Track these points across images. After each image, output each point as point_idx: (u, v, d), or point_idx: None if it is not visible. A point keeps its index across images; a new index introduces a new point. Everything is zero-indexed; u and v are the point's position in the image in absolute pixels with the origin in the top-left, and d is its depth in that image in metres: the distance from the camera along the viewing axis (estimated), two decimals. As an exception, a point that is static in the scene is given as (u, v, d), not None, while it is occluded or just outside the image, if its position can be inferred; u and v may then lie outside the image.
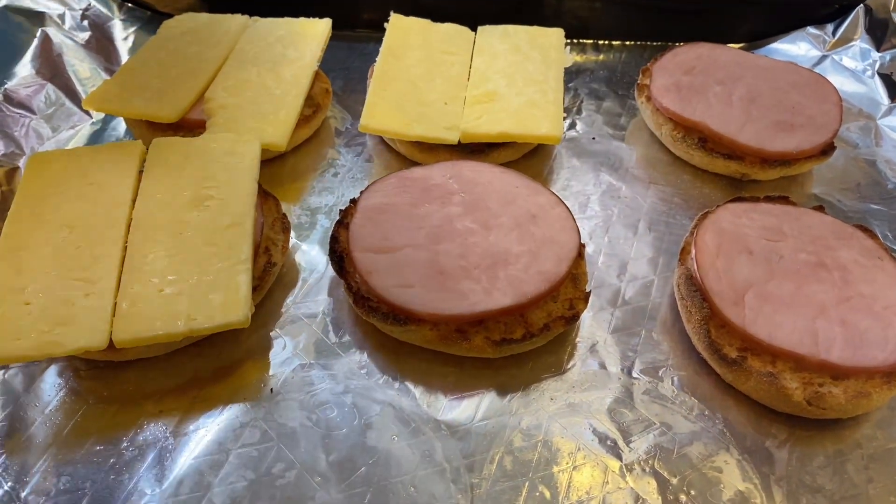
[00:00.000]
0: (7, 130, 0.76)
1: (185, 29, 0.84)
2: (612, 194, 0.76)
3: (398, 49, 0.82)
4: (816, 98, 0.79)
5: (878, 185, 0.78)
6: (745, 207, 0.66)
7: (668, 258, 0.69)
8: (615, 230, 0.71)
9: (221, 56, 0.80)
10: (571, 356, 0.60)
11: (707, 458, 0.54)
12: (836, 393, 0.54)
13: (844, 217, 0.73)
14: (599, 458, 0.54)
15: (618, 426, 0.56)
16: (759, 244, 0.63)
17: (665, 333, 0.62)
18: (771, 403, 0.56)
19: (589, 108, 0.87)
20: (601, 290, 0.66)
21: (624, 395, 0.58)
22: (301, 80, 0.77)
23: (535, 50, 0.83)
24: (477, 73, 0.80)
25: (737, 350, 0.57)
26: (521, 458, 0.53)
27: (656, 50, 0.95)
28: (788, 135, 0.74)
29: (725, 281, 0.59)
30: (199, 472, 0.52)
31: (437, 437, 0.54)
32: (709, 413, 0.57)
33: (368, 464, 0.53)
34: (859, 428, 0.57)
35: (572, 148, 0.81)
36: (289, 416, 0.55)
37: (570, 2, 0.95)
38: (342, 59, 0.92)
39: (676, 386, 0.59)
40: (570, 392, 0.58)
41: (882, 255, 0.63)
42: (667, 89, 0.79)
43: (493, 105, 0.76)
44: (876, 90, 0.87)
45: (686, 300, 0.60)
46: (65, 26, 0.89)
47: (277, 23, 0.85)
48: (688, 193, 0.76)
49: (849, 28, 0.91)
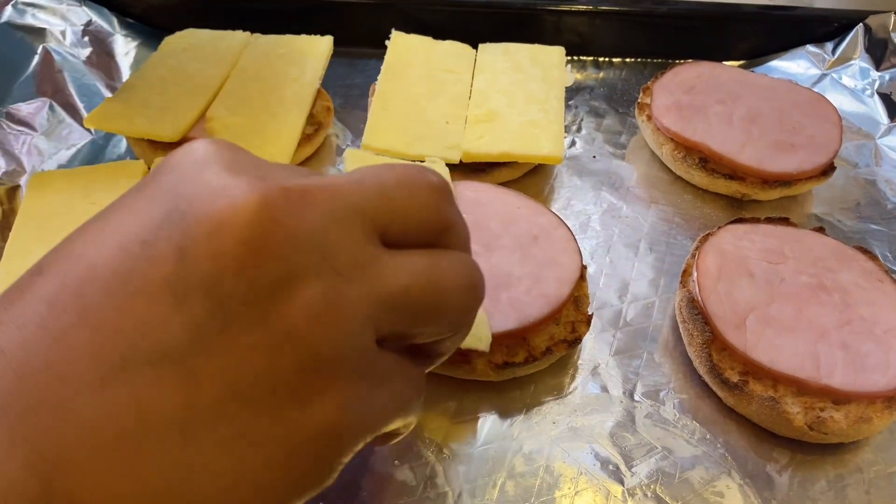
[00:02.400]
0: (8, 148, 0.76)
1: (187, 45, 0.84)
2: (612, 214, 0.76)
3: (399, 67, 0.82)
4: (817, 118, 0.79)
5: (878, 205, 0.78)
6: (746, 229, 0.66)
7: (669, 279, 0.69)
8: (616, 250, 0.72)
9: (223, 74, 0.80)
10: (573, 379, 0.60)
11: (709, 483, 0.54)
12: (837, 418, 0.54)
13: (844, 237, 0.73)
14: (602, 483, 0.54)
15: (620, 450, 0.56)
16: (761, 266, 0.63)
17: (667, 356, 0.63)
18: (773, 428, 0.56)
19: (589, 125, 0.87)
20: (602, 311, 0.66)
21: (626, 419, 0.58)
22: (303, 99, 0.77)
23: (536, 68, 0.83)
24: (478, 92, 0.80)
25: (738, 374, 0.57)
26: (523, 484, 0.53)
27: (656, 67, 0.95)
28: (789, 155, 0.75)
29: (727, 304, 0.59)
30: (201, 496, 0.52)
31: (440, 461, 0.54)
32: (710, 437, 0.57)
33: (371, 489, 0.53)
34: (860, 452, 0.57)
35: (573, 166, 0.81)
36: (291, 440, 0.55)
37: (570, 18, 0.96)
38: (343, 76, 0.92)
39: (678, 409, 0.59)
40: (573, 415, 0.58)
41: (882, 278, 0.63)
42: (667, 109, 0.79)
43: (495, 124, 0.76)
44: (875, 109, 0.87)
45: (688, 323, 0.60)
46: (66, 42, 0.89)
47: (279, 40, 0.86)
48: (689, 213, 0.76)
49: (848, 47, 0.92)
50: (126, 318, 0.27)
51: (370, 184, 0.33)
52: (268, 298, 0.28)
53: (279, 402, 0.28)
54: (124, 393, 0.26)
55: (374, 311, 0.31)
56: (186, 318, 0.27)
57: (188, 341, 0.27)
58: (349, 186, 0.32)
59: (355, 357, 0.30)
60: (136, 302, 0.27)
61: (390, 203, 0.33)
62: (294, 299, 0.28)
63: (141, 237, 0.28)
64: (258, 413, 0.28)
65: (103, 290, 0.27)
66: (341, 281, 0.29)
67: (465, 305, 0.37)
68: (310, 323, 0.28)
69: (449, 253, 0.36)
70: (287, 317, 0.28)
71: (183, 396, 0.26)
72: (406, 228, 0.34)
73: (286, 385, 0.28)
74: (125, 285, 0.27)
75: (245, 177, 0.29)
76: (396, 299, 0.32)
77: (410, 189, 0.34)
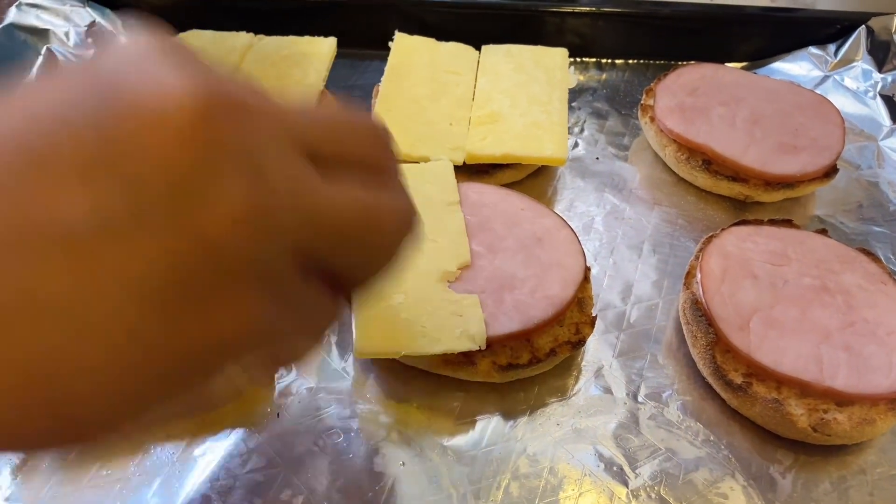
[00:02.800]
0: (12, 149, 0.76)
1: (190, 46, 0.84)
2: (616, 215, 0.76)
3: (403, 69, 0.82)
4: (819, 120, 0.79)
5: (881, 207, 0.78)
6: (749, 231, 0.67)
7: (672, 281, 0.69)
8: (620, 252, 0.72)
9: (227, 75, 0.80)
10: (577, 380, 0.60)
11: (712, 485, 0.54)
12: (840, 419, 0.54)
13: (847, 239, 0.74)
14: (606, 485, 0.54)
15: (623, 452, 0.56)
16: (764, 269, 0.63)
17: (670, 357, 0.63)
18: (776, 429, 0.57)
19: (592, 127, 0.88)
20: (606, 313, 0.66)
21: (629, 421, 0.58)
22: (307, 100, 0.77)
23: (539, 70, 0.83)
24: (481, 93, 0.80)
25: (742, 376, 0.57)
26: (527, 485, 0.53)
27: (659, 69, 0.95)
28: (792, 157, 0.75)
29: (731, 306, 0.60)
30: (207, 497, 0.52)
31: (444, 463, 0.54)
32: (714, 439, 0.57)
33: (375, 489, 0.53)
34: (863, 454, 0.57)
35: (576, 168, 0.81)
36: (296, 442, 0.55)
37: (573, 20, 0.96)
38: (346, 77, 0.92)
39: (682, 411, 0.59)
40: (576, 417, 0.58)
41: (885, 280, 0.63)
42: (671, 110, 0.80)
43: (498, 126, 0.76)
44: (878, 111, 0.87)
45: (691, 325, 0.60)
46: (69, 43, 0.89)
47: (282, 42, 0.86)
48: (692, 215, 0.76)
49: (850, 49, 0.92)
50: (31, 196, 0.25)
51: (318, 113, 0.33)
52: (187, 197, 0.26)
53: (177, 306, 0.27)
54: (15, 271, 0.24)
55: (298, 230, 0.30)
56: (96, 204, 0.25)
57: (93, 227, 0.25)
58: (294, 112, 0.32)
59: (269, 272, 0.29)
60: (42, 178, 0.25)
61: (333, 133, 0.32)
62: (215, 202, 0.26)
63: (62, 114, 0.26)
64: (155, 313, 0.26)
65: (9, 165, 0.25)
66: (268, 192, 0.28)
67: (396, 241, 0.35)
68: (227, 228, 0.27)
69: (389, 190, 0.35)
70: (204, 218, 0.26)
71: (76, 282, 0.25)
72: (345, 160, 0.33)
73: (188, 290, 0.27)
74: (36, 162, 0.25)
75: (189, 74, 0.27)
76: (326, 222, 0.31)
77: (356, 125, 0.34)
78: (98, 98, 0.26)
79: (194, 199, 0.26)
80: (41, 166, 0.25)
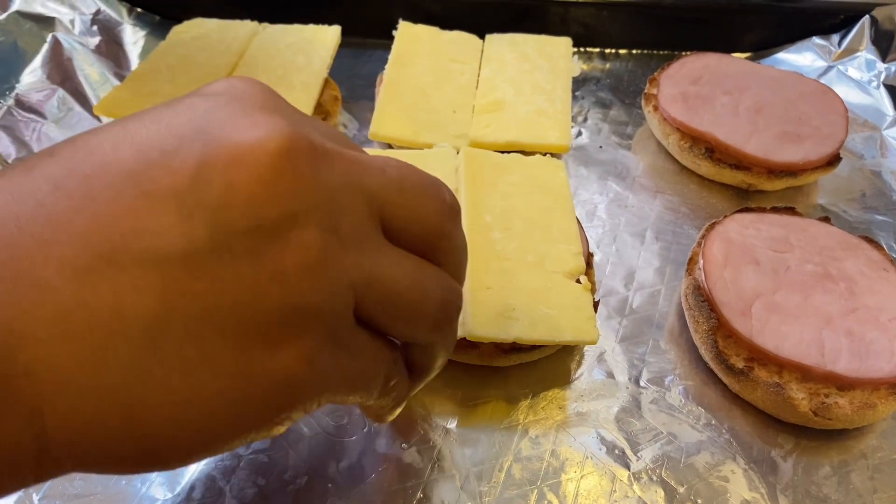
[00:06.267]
0: (18, 135, 0.77)
1: (195, 34, 0.85)
2: (619, 203, 0.76)
3: (407, 57, 0.82)
4: (823, 109, 0.79)
5: (884, 196, 0.79)
6: (752, 218, 0.67)
7: (675, 268, 0.69)
8: (622, 239, 0.72)
9: (231, 63, 0.81)
10: (579, 365, 0.61)
11: (714, 468, 0.55)
12: (842, 404, 0.55)
13: (850, 227, 0.74)
14: (607, 467, 0.54)
15: (626, 435, 0.56)
16: (766, 255, 0.63)
17: (672, 342, 0.63)
18: (777, 414, 0.57)
19: (595, 116, 0.88)
20: (609, 299, 0.66)
21: (631, 405, 0.58)
22: (311, 88, 0.78)
23: (542, 59, 0.84)
24: (485, 81, 0.81)
25: (744, 360, 0.57)
26: (529, 467, 0.54)
27: (662, 59, 0.96)
28: (795, 146, 0.75)
29: (733, 291, 0.60)
30: (211, 477, 0.52)
31: (447, 445, 0.55)
32: (716, 423, 0.57)
33: (378, 471, 0.53)
34: (864, 439, 0.57)
35: (579, 156, 0.82)
36: (300, 423, 0.56)
37: (577, 10, 0.96)
38: (349, 66, 0.92)
39: (683, 395, 0.59)
40: (579, 401, 0.58)
41: (888, 267, 0.63)
42: (674, 99, 0.80)
43: (502, 114, 0.76)
44: (881, 101, 0.87)
45: (693, 310, 0.61)
46: (74, 31, 0.89)
47: (287, 30, 0.86)
48: (694, 203, 0.77)
49: (854, 39, 0.92)
50: (127, 217, 0.27)
51: (391, 173, 0.34)
52: (268, 237, 0.28)
53: (250, 338, 0.28)
54: (105, 286, 0.26)
55: (359, 285, 0.31)
56: (186, 232, 0.27)
57: (181, 254, 0.27)
58: (371, 167, 0.33)
59: (333, 318, 0.31)
60: (140, 203, 0.27)
61: (401, 198, 0.34)
62: (292, 244, 0.28)
63: (162, 146, 0.28)
64: (227, 343, 0.28)
65: (111, 186, 0.27)
66: (339, 243, 0.30)
67: (439, 318, 0.37)
68: (301, 270, 0.29)
69: (436, 268, 0.36)
70: (281, 259, 0.28)
71: (161, 305, 0.27)
72: (407, 228, 0.34)
73: (261, 324, 0.28)
74: (135, 186, 0.27)
75: (278, 119, 0.30)
76: (381, 285, 0.32)
77: (426, 194, 0.35)
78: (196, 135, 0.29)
79: (272, 238, 0.28)
80: (140, 192, 0.27)
